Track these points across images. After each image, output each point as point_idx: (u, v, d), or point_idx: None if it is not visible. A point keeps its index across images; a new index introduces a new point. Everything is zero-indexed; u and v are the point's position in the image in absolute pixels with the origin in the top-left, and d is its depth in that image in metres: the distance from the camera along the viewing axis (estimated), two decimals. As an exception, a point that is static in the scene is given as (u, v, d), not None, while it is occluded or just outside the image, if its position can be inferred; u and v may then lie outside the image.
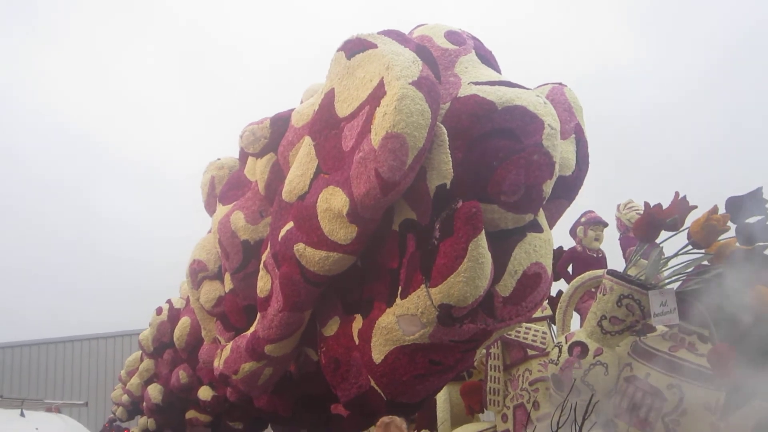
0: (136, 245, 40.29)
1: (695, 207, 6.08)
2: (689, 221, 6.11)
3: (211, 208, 7.68)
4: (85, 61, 51.50)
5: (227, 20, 51.58)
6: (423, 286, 4.64)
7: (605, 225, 9.79)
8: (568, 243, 9.83)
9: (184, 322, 10.38)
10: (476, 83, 4.83)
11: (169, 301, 12.50)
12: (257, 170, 6.67)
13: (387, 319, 4.98)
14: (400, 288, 4.87)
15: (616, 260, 9.60)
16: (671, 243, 6.32)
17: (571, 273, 9.44)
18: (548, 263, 5.05)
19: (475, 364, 8.31)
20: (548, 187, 4.74)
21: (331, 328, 5.71)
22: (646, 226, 6.34)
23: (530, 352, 7.47)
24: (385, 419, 5.13)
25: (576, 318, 7.70)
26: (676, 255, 6.26)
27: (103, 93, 51.71)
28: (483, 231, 4.47)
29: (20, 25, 46.33)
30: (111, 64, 50.87)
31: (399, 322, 4.87)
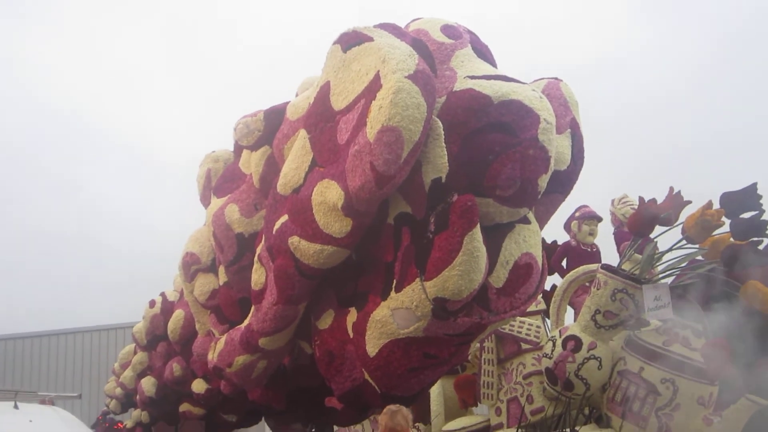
0: (129, 236, 40.25)
1: (690, 202, 6.09)
2: (683, 216, 6.12)
3: (206, 201, 7.66)
4: (76, 41, 51.07)
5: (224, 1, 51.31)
6: (418, 279, 4.64)
7: (599, 220, 9.79)
8: (562, 237, 9.84)
9: (178, 314, 10.37)
10: (472, 77, 4.83)
11: (162, 294, 12.49)
12: (252, 163, 6.66)
13: (381, 312, 4.98)
14: (394, 281, 4.88)
15: (610, 255, 9.61)
16: (665, 238, 6.34)
17: (565, 267, 9.43)
18: (538, 254, 5.06)
19: (469, 357, 8.31)
20: (543, 182, 4.74)
21: (326, 321, 5.71)
22: (640, 221, 6.35)
23: (524, 346, 7.48)
24: (392, 407, 5.11)
25: (570, 312, 7.70)
26: (670, 250, 6.27)
27: (94, 75, 51.30)
28: (478, 225, 4.47)
29: (8, 4, 45.86)
30: (103, 45, 50.48)
31: (393, 315, 4.88)
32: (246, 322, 6.40)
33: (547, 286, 7.59)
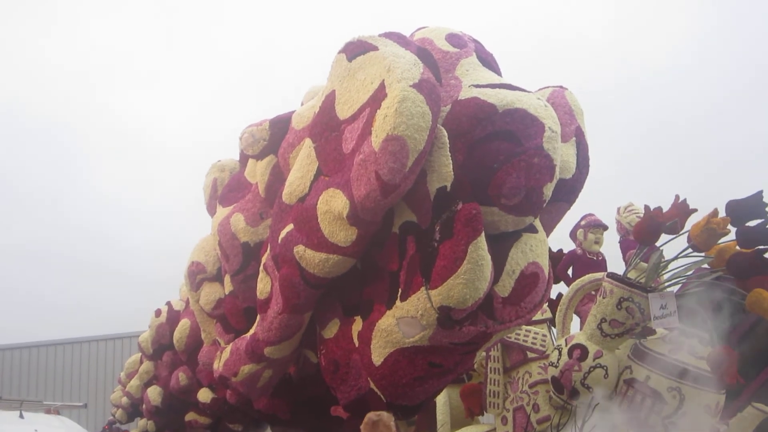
0: (137, 245, 40.19)
1: (695, 210, 6.09)
2: (689, 224, 6.11)
3: (213, 210, 7.67)
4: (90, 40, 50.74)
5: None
6: (423, 288, 4.64)
7: (605, 228, 9.79)
8: (568, 246, 9.84)
9: (184, 324, 10.38)
10: (477, 86, 4.84)
11: (168, 303, 12.48)
12: (257, 172, 6.67)
13: (387, 321, 4.98)
14: (400, 290, 4.88)
15: (616, 263, 9.61)
16: (671, 246, 6.32)
17: (571, 276, 9.44)
18: (545, 263, 5.06)
19: (475, 366, 8.29)
20: (548, 190, 4.75)
21: (331, 330, 5.71)
22: (646, 229, 6.34)
23: (530, 355, 7.46)
24: (372, 416, 5.03)
25: (576, 321, 7.68)
26: (676, 258, 6.26)
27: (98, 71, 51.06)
28: (483, 233, 4.47)
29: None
30: (114, 41, 50.13)
31: (399, 324, 4.87)
32: (251, 331, 6.41)
33: (553, 295, 7.56)
